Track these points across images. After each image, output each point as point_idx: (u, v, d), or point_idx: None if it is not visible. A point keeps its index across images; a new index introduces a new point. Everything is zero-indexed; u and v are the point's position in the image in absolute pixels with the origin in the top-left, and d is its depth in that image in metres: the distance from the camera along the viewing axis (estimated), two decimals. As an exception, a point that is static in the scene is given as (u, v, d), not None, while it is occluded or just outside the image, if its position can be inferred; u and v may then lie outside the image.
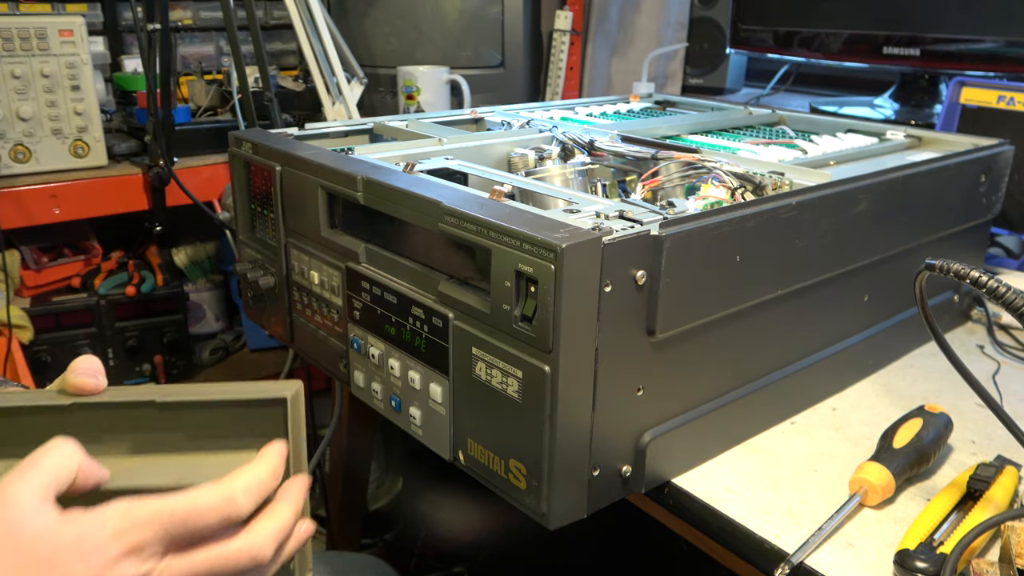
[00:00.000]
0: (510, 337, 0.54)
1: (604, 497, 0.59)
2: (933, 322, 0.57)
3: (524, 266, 0.51)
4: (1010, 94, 1.01)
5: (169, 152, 1.27)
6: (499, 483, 0.59)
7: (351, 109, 1.26)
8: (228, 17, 1.17)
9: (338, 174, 0.68)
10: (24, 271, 1.40)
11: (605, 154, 0.81)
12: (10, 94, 1.20)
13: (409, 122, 0.93)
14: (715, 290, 0.60)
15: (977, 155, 0.84)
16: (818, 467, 0.64)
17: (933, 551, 0.51)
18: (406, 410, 0.66)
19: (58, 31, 1.21)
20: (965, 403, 0.73)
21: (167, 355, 1.52)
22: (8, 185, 1.20)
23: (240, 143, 0.82)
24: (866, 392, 0.77)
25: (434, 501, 1.72)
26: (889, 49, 1.22)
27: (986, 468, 0.59)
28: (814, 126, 1.03)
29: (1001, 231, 1.05)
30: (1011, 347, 0.86)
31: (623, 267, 0.53)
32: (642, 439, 0.59)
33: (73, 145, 1.26)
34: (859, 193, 0.70)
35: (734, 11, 1.46)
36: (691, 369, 0.62)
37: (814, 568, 0.52)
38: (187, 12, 1.65)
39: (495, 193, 0.60)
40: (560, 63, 1.73)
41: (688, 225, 0.56)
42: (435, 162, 0.75)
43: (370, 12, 1.58)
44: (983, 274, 0.50)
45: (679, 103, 1.21)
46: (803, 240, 0.66)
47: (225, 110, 1.46)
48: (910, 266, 0.57)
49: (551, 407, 0.52)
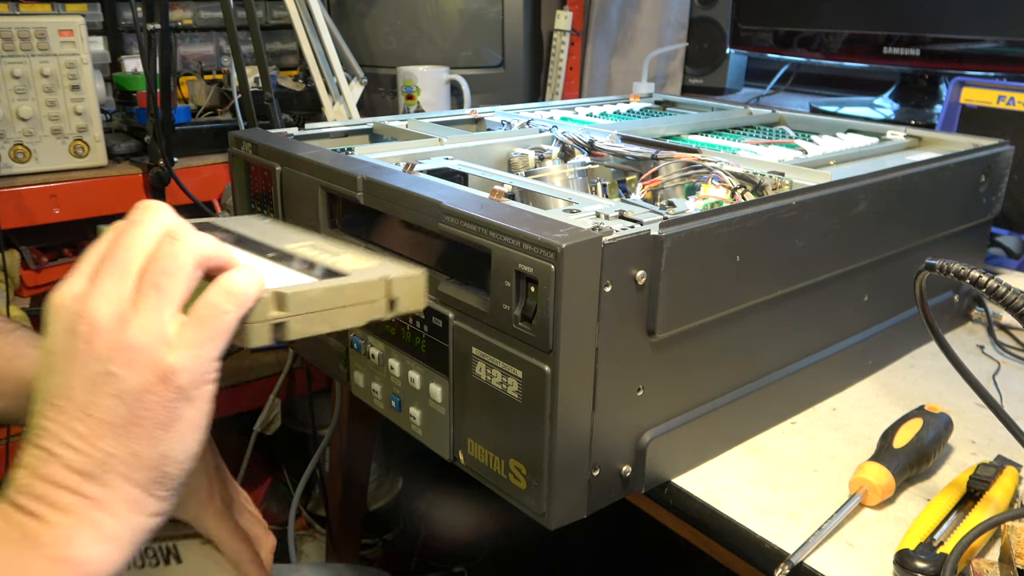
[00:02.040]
0: (510, 337, 0.54)
1: (604, 497, 0.59)
2: (933, 322, 0.57)
3: (524, 266, 0.51)
4: (1010, 94, 1.01)
5: (169, 152, 1.27)
6: (499, 483, 0.59)
7: (351, 109, 1.26)
8: (228, 17, 1.17)
9: (338, 174, 0.68)
10: (24, 271, 1.40)
11: (605, 154, 0.81)
12: (10, 94, 1.20)
13: (409, 122, 0.93)
14: (715, 290, 0.60)
15: (977, 155, 0.84)
16: (818, 467, 0.64)
17: (933, 551, 0.51)
18: (406, 410, 0.66)
19: (58, 31, 1.21)
20: (965, 403, 0.73)
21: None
22: (8, 185, 1.20)
23: (240, 143, 0.82)
24: (866, 392, 0.77)
25: (434, 501, 1.72)
26: (889, 49, 1.22)
27: (986, 468, 0.59)
28: (814, 126, 1.03)
29: (1001, 231, 1.05)
30: (1011, 347, 0.86)
31: (623, 267, 0.53)
32: (642, 439, 0.59)
33: (73, 145, 1.26)
34: (859, 193, 0.70)
35: (734, 11, 1.46)
36: (691, 369, 0.62)
37: (814, 568, 0.52)
38: (187, 12, 1.65)
39: (495, 193, 0.60)
40: (560, 63, 1.73)
41: (688, 225, 0.56)
42: (435, 162, 0.75)
43: (370, 12, 1.58)
44: (983, 274, 0.50)
45: (679, 103, 1.21)
46: (803, 240, 0.66)
47: (225, 110, 1.47)
48: (910, 266, 0.57)
49: (551, 407, 0.52)
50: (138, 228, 0.43)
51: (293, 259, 0.50)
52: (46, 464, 0.41)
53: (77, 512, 0.41)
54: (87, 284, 0.42)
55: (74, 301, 0.42)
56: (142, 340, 0.41)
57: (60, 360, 0.41)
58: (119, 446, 0.41)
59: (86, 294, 0.41)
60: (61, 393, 0.41)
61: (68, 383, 0.41)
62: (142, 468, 0.42)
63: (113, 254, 0.42)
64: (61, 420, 0.41)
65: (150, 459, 0.42)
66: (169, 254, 0.42)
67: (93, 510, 0.41)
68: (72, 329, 0.41)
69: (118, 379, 0.41)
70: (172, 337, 0.41)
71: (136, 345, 0.41)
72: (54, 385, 0.41)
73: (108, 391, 0.41)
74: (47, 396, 0.42)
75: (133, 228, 0.43)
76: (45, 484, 0.41)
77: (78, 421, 0.41)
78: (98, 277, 0.42)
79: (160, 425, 0.42)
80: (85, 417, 0.41)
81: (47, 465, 0.41)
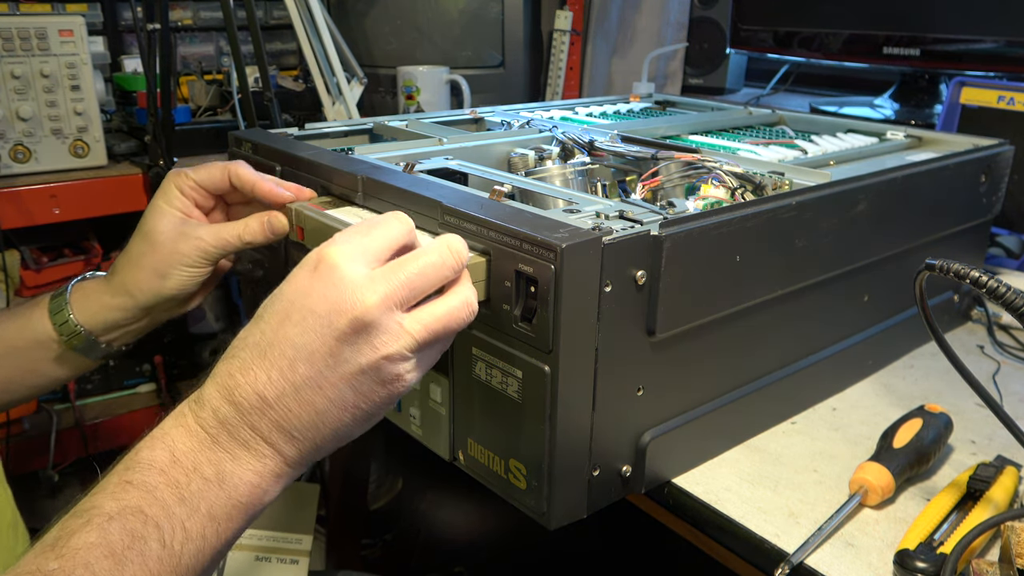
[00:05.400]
0: (510, 337, 0.54)
1: (604, 497, 0.59)
2: (933, 322, 0.57)
3: (524, 266, 0.51)
4: (1010, 94, 1.01)
5: (169, 152, 1.27)
6: (499, 483, 0.59)
7: (351, 109, 1.26)
8: (228, 17, 1.17)
9: (338, 174, 0.68)
10: (24, 271, 1.40)
11: (605, 154, 0.81)
12: (10, 94, 1.20)
13: (409, 122, 0.93)
14: (715, 290, 0.60)
15: (977, 155, 0.84)
16: (818, 467, 0.64)
17: (933, 551, 0.51)
18: (406, 410, 0.66)
19: (58, 31, 1.21)
20: (965, 403, 0.73)
21: (167, 355, 1.52)
22: (8, 185, 1.20)
23: (240, 143, 0.82)
24: (866, 392, 0.77)
25: (434, 501, 1.72)
26: (889, 49, 1.22)
27: (986, 468, 0.59)
28: (814, 126, 1.03)
29: (1001, 231, 1.05)
30: (1011, 347, 0.86)
31: (623, 267, 0.53)
32: (642, 439, 0.59)
33: (73, 145, 1.26)
34: (859, 193, 0.70)
35: (734, 11, 1.46)
36: (691, 369, 0.62)
37: (814, 568, 0.52)
38: (187, 12, 1.65)
39: (495, 193, 0.60)
40: (560, 63, 1.73)
41: (688, 225, 0.56)
42: (435, 162, 0.75)
43: (370, 12, 1.58)
44: (983, 274, 0.50)
45: (679, 103, 1.21)
46: (803, 240, 0.66)
47: (225, 110, 1.46)
48: (910, 266, 0.57)
49: (551, 407, 0.52)
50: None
51: None
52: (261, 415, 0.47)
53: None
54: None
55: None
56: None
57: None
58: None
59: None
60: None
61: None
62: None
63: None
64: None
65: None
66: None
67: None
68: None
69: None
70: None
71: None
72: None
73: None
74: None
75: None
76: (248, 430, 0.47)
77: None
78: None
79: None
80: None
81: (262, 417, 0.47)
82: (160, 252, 0.68)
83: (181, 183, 0.69)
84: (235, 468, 0.46)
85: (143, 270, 0.68)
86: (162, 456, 0.45)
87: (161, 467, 0.45)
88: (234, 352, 0.48)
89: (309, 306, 0.46)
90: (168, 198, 0.69)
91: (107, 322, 0.71)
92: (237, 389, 0.46)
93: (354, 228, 0.50)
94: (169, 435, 0.46)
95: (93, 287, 0.71)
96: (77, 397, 1.44)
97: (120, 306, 0.70)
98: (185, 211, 0.69)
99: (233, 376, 0.47)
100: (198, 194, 0.70)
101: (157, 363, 1.51)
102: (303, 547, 1.11)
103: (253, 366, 0.46)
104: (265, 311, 0.48)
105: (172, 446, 0.46)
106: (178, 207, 0.69)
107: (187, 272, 0.68)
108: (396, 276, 0.47)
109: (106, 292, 0.70)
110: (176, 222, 0.68)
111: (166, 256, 0.68)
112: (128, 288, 0.69)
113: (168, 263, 0.68)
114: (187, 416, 0.47)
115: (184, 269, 0.68)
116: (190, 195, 0.69)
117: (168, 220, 0.68)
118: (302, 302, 0.46)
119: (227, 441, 0.46)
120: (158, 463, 0.45)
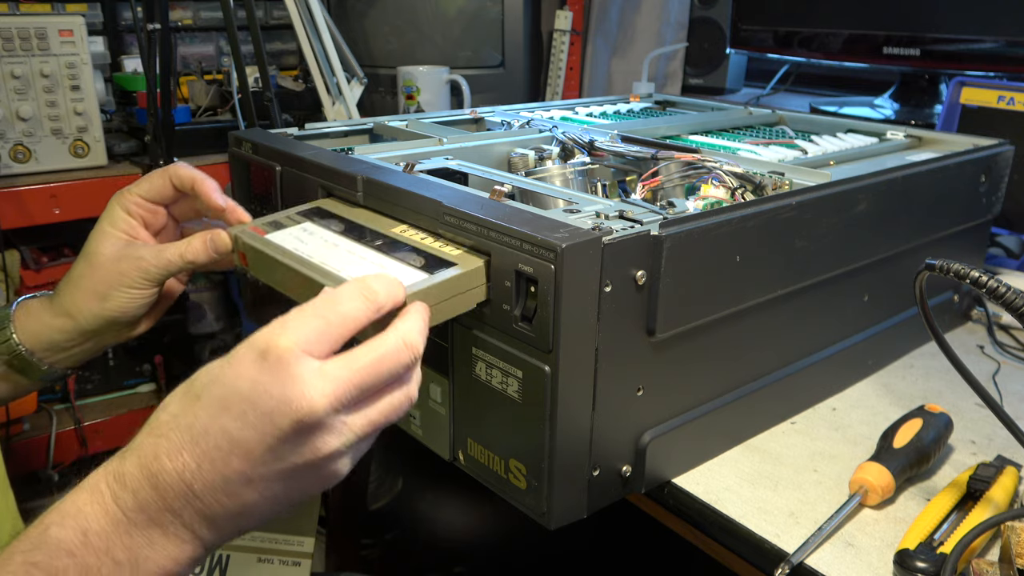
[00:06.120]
0: (510, 337, 0.54)
1: (604, 497, 0.59)
2: (933, 322, 0.57)
3: (524, 266, 0.51)
4: (1010, 94, 1.01)
5: (169, 152, 1.27)
6: (499, 483, 0.59)
7: (351, 109, 1.26)
8: (228, 17, 1.17)
9: (338, 174, 0.68)
10: (24, 271, 1.40)
11: (605, 154, 0.81)
12: (10, 94, 1.20)
13: (409, 122, 0.93)
14: (715, 290, 0.60)
15: (977, 155, 0.84)
16: (818, 467, 0.64)
17: (933, 551, 0.51)
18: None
19: (58, 31, 1.21)
20: (965, 403, 0.73)
21: (167, 355, 1.52)
22: (8, 185, 1.20)
23: (240, 143, 0.82)
24: (866, 392, 0.77)
25: (434, 501, 1.72)
26: (889, 49, 1.22)
27: (986, 468, 0.59)
28: (814, 126, 1.03)
29: (1001, 231, 1.05)
30: (1011, 347, 0.86)
31: (623, 267, 0.53)
32: (642, 439, 0.59)
33: (73, 145, 1.26)
34: (859, 193, 0.70)
35: (734, 11, 1.46)
36: (691, 369, 0.62)
37: (814, 568, 0.52)
38: (187, 12, 1.65)
39: (495, 193, 0.60)
40: (560, 63, 1.73)
41: (688, 225, 0.56)
42: (435, 162, 0.75)
43: (370, 12, 1.58)
44: (983, 274, 0.50)
45: (679, 103, 1.21)
46: (803, 240, 0.66)
47: (225, 110, 1.46)
48: (910, 266, 0.57)
49: (551, 407, 0.52)
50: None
51: (398, 246, 0.57)
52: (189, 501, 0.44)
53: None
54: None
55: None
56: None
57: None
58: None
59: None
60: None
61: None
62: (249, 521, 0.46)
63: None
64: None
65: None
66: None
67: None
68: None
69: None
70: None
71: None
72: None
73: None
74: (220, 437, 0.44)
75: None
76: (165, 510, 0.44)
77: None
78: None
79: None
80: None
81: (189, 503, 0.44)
82: (99, 273, 0.66)
83: (125, 202, 0.68)
84: (151, 554, 0.44)
85: (83, 291, 0.67)
86: (73, 536, 0.42)
87: (70, 549, 0.42)
88: (163, 430, 0.44)
89: (252, 399, 0.43)
90: (112, 220, 0.68)
91: (50, 343, 0.69)
92: (163, 474, 0.43)
93: (312, 307, 0.46)
94: (83, 512, 0.43)
95: (37, 307, 0.70)
96: (77, 397, 1.44)
97: (61, 327, 0.68)
98: (130, 232, 0.68)
99: (159, 459, 0.43)
100: (144, 210, 0.69)
101: (157, 363, 1.51)
102: (305, 549, 1.11)
103: (183, 452, 0.43)
104: (204, 390, 0.44)
105: (85, 525, 0.43)
106: (123, 228, 0.68)
107: (128, 293, 0.67)
108: (347, 375, 0.44)
109: (48, 312, 0.69)
110: (119, 244, 0.67)
111: (105, 277, 0.66)
112: (68, 310, 0.67)
113: (108, 284, 0.66)
114: (104, 494, 0.44)
115: (125, 290, 0.66)
116: (136, 213, 0.68)
117: (111, 242, 0.67)
118: (245, 393, 0.43)
119: (145, 525, 0.44)
120: (67, 544, 0.42)
